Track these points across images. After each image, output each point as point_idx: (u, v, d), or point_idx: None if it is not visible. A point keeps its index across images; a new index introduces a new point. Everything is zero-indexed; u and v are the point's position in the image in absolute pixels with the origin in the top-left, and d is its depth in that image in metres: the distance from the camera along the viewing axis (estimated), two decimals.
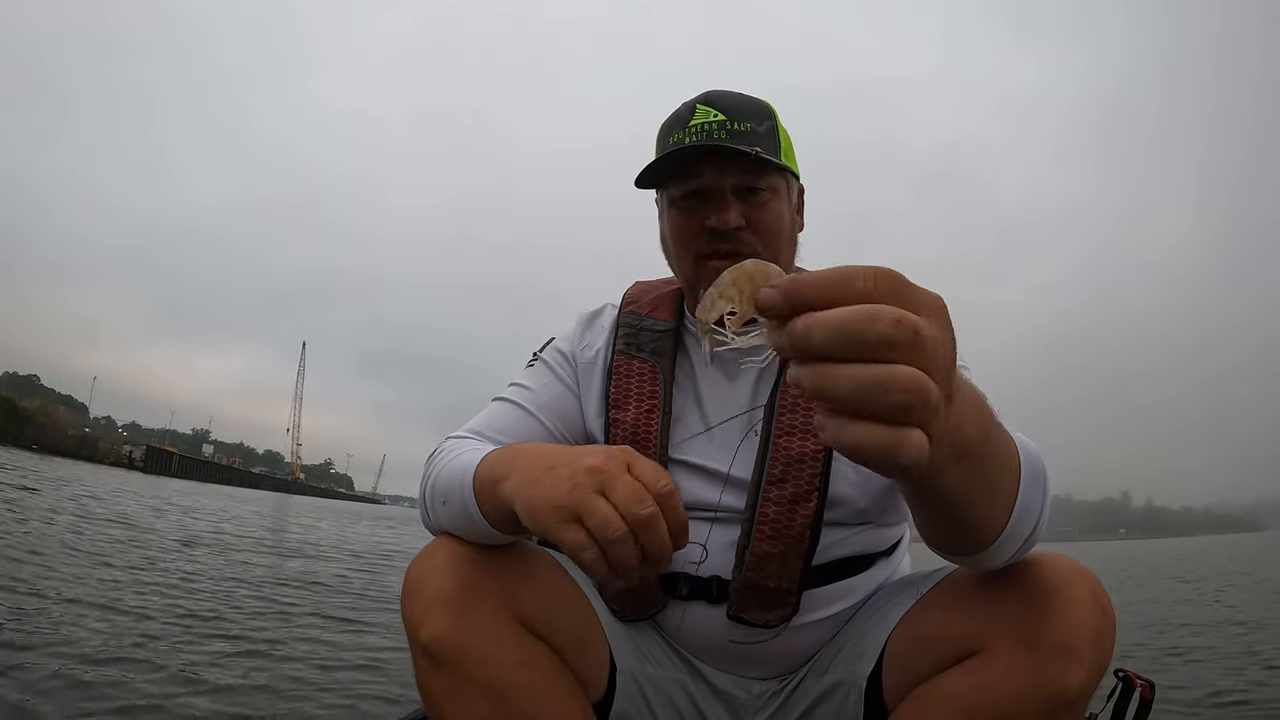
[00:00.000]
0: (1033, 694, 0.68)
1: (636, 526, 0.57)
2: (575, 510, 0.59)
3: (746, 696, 0.94)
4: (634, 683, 0.92)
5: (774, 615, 0.90)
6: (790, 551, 0.89)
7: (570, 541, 0.59)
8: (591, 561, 0.58)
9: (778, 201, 0.94)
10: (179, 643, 2.59)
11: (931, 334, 0.39)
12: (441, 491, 0.82)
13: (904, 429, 0.38)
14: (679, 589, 0.93)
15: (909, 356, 0.38)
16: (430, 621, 0.75)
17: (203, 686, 2.11)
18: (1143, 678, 0.85)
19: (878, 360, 0.38)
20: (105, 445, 49.79)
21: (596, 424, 0.99)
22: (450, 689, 0.76)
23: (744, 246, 0.91)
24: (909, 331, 0.38)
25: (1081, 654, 0.68)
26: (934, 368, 0.39)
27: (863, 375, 0.38)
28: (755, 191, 0.92)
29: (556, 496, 0.61)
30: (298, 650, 2.76)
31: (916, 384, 0.38)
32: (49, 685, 1.92)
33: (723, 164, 0.91)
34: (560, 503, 0.61)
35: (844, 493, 0.90)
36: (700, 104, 0.93)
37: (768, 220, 0.92)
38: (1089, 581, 0.71)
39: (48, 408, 50.45)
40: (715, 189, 0.91)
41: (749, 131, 0.91)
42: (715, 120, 0.91)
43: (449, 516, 0.81)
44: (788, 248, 0.97)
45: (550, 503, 0.61)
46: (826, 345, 0.38)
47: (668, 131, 0.95)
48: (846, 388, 0.38)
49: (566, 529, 0.60)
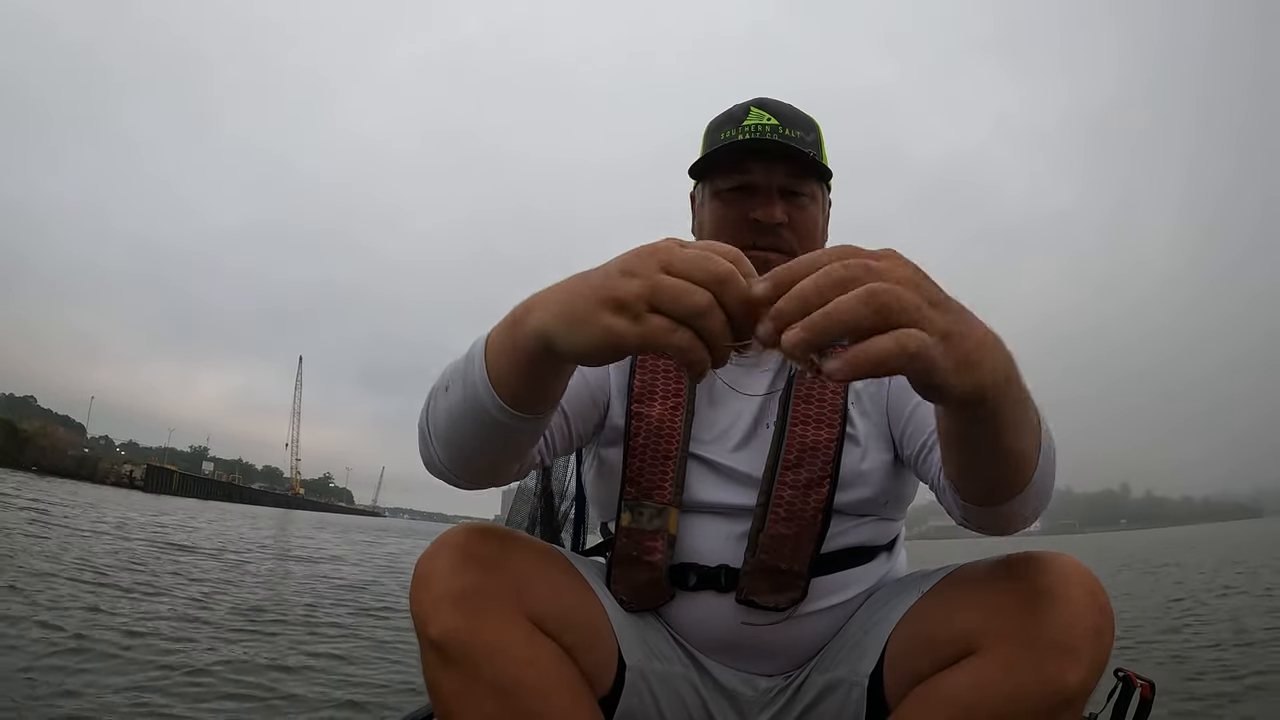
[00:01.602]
0: (1031, 693, 0.69)
1: (717, 287, 0.51)
2: (648, 293, 0.52)
3: (752, 693, 0.95)
4: (641, 679, 0.92)
5: (784, 598, 0.91)
6: (803, 534, 0.91)
7: (655, 328, 0.51)
8: (688, 343, 0.51)
9: (815, 207, 0.99)
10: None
11: (882, 263, 0.48)
12: (445, 376, 0.74)
13: (897, 330, 0.46)
14: (688, 579, 0.93)
15: (870, 279, 0.47)
16: (439, 618, 0.75)
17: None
18: (1143, 677, 0.85)
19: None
20: (105, 465, 49.63)
21: (619, 415, 0.99)
22: (458, 686, 0.76)
23: (783, 243, 0.95)
24: (860, 267, 0.47)
25: (1080, 653, 0.68)
26: (899, 280, 0.48)
27: (840, 304, 0.46)
28: (798, 195, 0.97)
29: (618, 289, 0.53)
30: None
31: (884, 290, 0.46)
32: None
33: (771, 164, 0.95)
34: (626, 293, 0.52)
35: (853, 481, 0.93)
36: (755, 106, 0.98)
37: (807, 222, 0.97)
38: (1087, 581, 0.72)
39: (47, 428, 50.32)
40: (762, 186, 0.96)
41: (799, 139, 0.96)
42: (768, 123, 0.96)
43: (448, 411, 0.73)
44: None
45: (614, 296, 0.53)
46: (801, 309, 0.47)
47: (718, 128, 1.00)
48: (833, 320, 0.46)
49: (646, 319, 0.52)
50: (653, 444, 0.95)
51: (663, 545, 0.92)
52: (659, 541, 0.92)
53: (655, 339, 0.52)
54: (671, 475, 0.94)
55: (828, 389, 0.96)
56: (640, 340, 0.53)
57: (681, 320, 0.51)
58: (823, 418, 0.94)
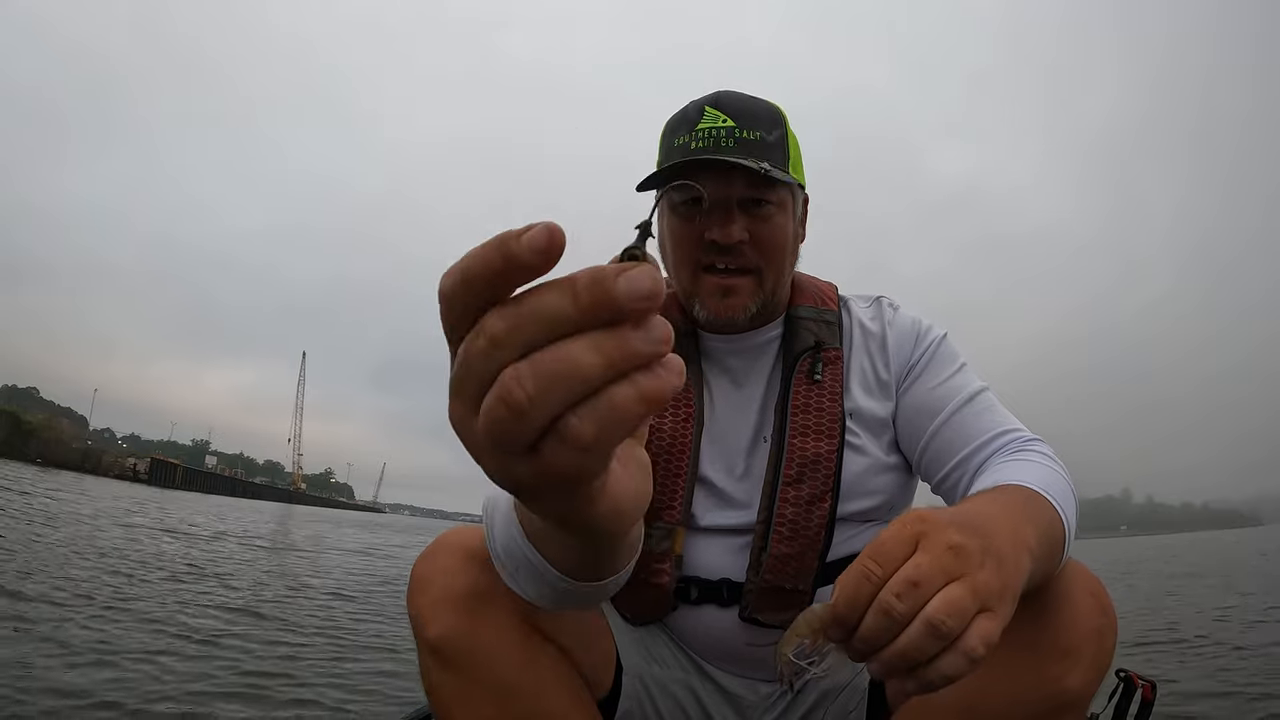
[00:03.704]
0: (1033, 695, 0.68)
1: (496, 345, 0.28)
2: (486, 438, 0.30)
3: (754, 698, 0.94)
4: (640, 683, 0.92)
5: (788, 616, 0.90)
6: (807, 551, 0.89)
7: (550, 464, 0.29)
8: (588, 428, 0.28)
9: (783, 215, 0.91)
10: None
11: (925, 566, 0.48)
12: (504, 555, 0.67)
13: (961, 637, 0.47)
14: (689, 593, 0.93)
15: (923, 596, 0.47)
16: (437, 620, 0.75)
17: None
18: (1144, 678, 0.85)
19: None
20: (109, 458, 49.68)
21: None
22: (456, 688, 0.76)
23: (747, 261, 0.90)
24: (908, 589, 0.47)
25: (1082, 654, 0.68)
26: (966, 570, 0.48)
27: (913, 638, 0.47)
28: (761, 204, 0.89)
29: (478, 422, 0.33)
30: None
31: (945, 608, 0.47)
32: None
33: (729, 174, 0.87)
34: (483, 429, 0.30)
35: (855, 491, 0.92)
36: (709, 106, 0.89)
37: (771, 235, 0.90)
38: (1090, 582, 0.71)
39: (51, 421, 50.36)
40: (719, 200, 0.88)
41: (758, 141, 0.87)
42: (724, 126, 0.87)
43: (540, 599, 0.65)
44: (790, 259, 0.96)
45: (478, 443, 0.32)
46: (878, 639, 0.48)
47: (672, 132, 0.91)
48: (912, 655, 0.47)
49: (526, 459, 0.29)
50: (663, 461, 0.92)
51: (670, 568, 0.91)
52: (666, 564, 0.91)
53: (571, 466, 0.27)
54: (681, 495, 0.92)
55: (825, 397, 0.94)
56: (563, 477, 0.31)
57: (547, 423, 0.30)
58: (822, 428, 0.92)
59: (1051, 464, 0.78)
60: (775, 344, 1.00)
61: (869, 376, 0.98)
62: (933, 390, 0.94)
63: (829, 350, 0.97)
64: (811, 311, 1.00)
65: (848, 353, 0.99)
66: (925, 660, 0.47)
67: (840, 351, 0.98)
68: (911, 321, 1.01)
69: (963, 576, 0.48)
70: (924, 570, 0.48)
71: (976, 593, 0.48)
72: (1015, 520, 0.58)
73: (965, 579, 0.48)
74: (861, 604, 0.48)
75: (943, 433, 0.90)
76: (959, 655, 0.47)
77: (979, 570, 0.49)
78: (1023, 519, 0.59)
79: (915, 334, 1.00)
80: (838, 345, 0.98)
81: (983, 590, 0.48)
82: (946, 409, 0.91)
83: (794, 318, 0.99)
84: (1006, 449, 0.85)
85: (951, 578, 0.48)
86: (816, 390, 0.95)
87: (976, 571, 0.49)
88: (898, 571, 0.48)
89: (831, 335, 0.98)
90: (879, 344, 1.00)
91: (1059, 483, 0.73)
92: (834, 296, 1.03)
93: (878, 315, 1.02)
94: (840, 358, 0.98)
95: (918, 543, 0.50)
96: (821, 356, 0.96)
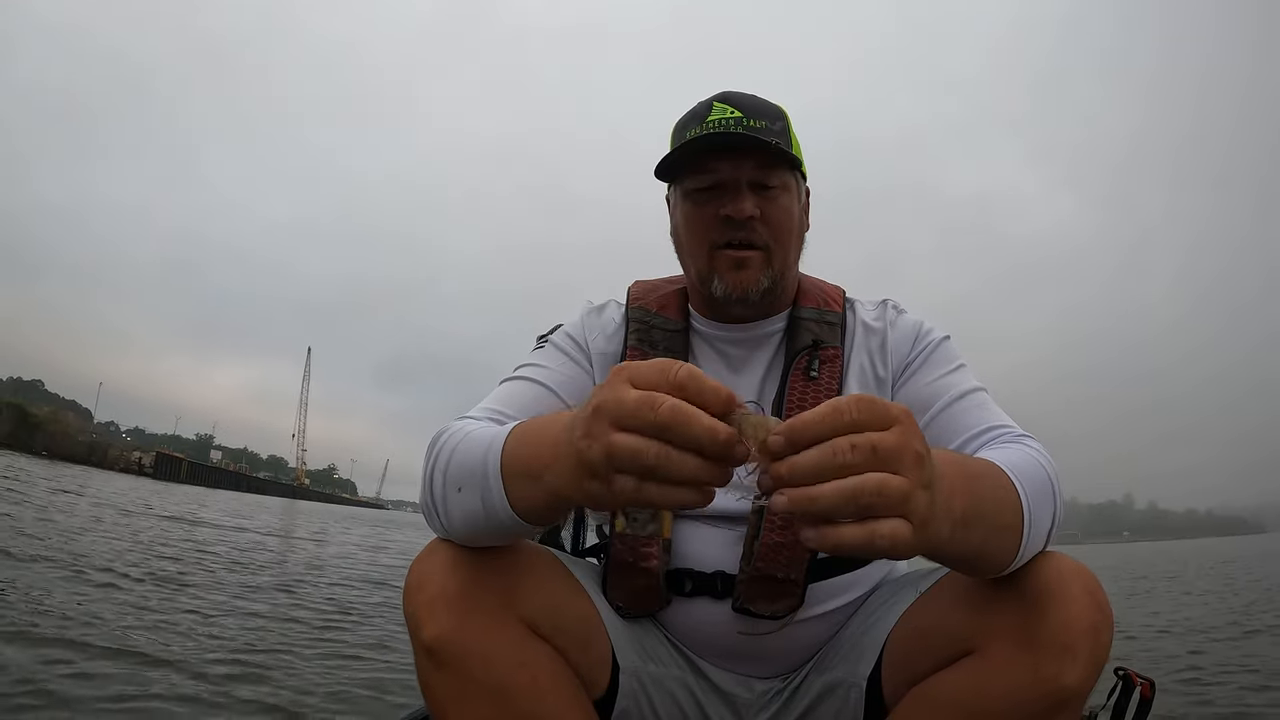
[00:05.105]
0: (1030, 692, 0.68)
1: (666, 434, 0.50)
2: (605, 459, 0.52)
3: (749, 695, 0.95)
4: (636, 681, 0.92)
5: (780, 606, 0.91)
6: (799, 541, 0.89)
7: (620, 491, 0.52)
8: (658, 496, 0.51)
9: (788, 197, 0.97)
10: None
11: (890, 443, 0.49)
12: (451, 475, 0.74)
13: (874, 521, 0.48)
14: (683, 585, 0.94)
15: (873, 466, 0.48)
16: (433, 621, 0.75)
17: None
18: (1143, 676, 0.85)
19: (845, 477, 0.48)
20: (115, 451, 49.76)
21: None
22: (452, 689, 0.76)
23: (756, 237, 0.95)
24: (865, 451, 0.48)
25: (1078, 652, 0.68)
26: (900, 468, 0.49)
27: (827, 494, 0.47)
28: (768, 187, 0.95)
29: (584, 455, 0.54)
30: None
31: (873, 490, 0.48)
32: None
33: (738, 158, 0.94)
34: (591, 459, 0.53)
35: None
36: (717, 101, 0.96)
37: (779, 214, 0.96)
38: (1086, 579, 0.71)
39: (58, 414, 50.53)
40: (730, 182, 0.94)
41: (764, 129, 0.94)
42: (732, 117, 0.94)
43: (466, 518, 0.73)
44: (796, 244, 1.01)
45: (582, 463, 0.54)
46: (796, 480, 0.48)
47: (684, 127, 0.98)
48: (818, 506, 0.48)
49: (614, 481, 0.52)
50: None
51: (658, 551, 0.92)
52: (654, 547, 0.92)
53: (627, 502, 0.53)
54: None
55: (821, 394, 0.96)
56: (616, 504, 0.55)
57: (644, 476, 0.51)
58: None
59: (1036, 455, 0.77)
60: (775, 338, 1.03)
61: (867, 374, 1.00)
62: (927, 385, 0.96)
63: (827, 349, 1.00)
64: (814, 313, 1.03)
65: (848, 352, 1.01)
66: (830, 519, 0.48)
67: (839, 350, 1.00)
68: (914, 323, 1.04)
69: (910, 482, 0.49)
70: (887, 446, 0.49)
71: (909, 500, 0.49)
72: (956, 484, 0.58)
73: (910, 484, 0.49)
74: (820, 434, 0.49)
75: (932, 428, 0.91)
76: (865, 531, 0.48)
77: (921, 489, 0.50)
78: (964, 489, 0.60)
79: (915, 334, 1.02)
80: (837, 344, 1.01)
81: (914, 507, 0.50)
82: (938, 403, 0.93)
83: (796, 317, 1.03)
84: (995, 443, 0.85)
85: (898, 474, 0.49)
86: (813, 387, 0.97)
87: (919, 489, 0.50)
88: (866, 432, 0.49)
89: (832, 335, 1.01)
90: (879, 343, 1.02)
91: (1034, 471, 0.72)
92: (839, 299, 1.07)
93: (881, 316, 1.05)
94: (838, 356, 1.00)
95: (895, 426, 0.50)
96: (819, 355, 0.99)
